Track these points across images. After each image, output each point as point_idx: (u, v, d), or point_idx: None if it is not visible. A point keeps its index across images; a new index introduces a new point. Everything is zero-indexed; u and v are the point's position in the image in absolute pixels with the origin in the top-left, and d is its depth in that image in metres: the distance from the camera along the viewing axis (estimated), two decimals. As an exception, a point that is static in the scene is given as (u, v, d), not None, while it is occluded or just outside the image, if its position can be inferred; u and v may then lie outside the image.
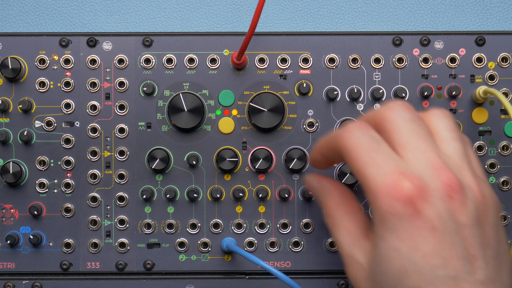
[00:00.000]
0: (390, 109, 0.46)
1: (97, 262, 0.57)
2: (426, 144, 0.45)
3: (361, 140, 0.45)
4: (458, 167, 0.45)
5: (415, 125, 0.46)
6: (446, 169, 0.44)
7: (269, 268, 0.51)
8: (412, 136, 0.45)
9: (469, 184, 0.44)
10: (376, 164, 0.44)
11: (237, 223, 0.57)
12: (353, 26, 0.63)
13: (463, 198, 0.43)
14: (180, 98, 0.56)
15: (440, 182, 0.43)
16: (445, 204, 0.43)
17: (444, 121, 0.47)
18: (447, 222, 0.43)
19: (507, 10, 0.63)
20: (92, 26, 0.62)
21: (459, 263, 0.42)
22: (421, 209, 0.42)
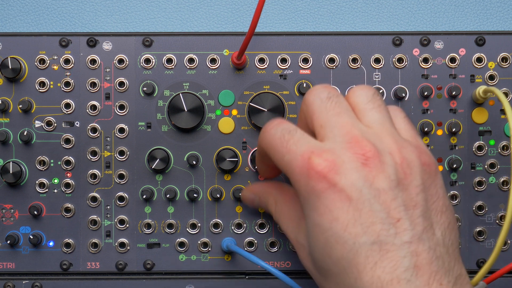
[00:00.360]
0: (308, 93, 0.48)
1: (97, 262, 0.57)
2: (344, 120, 0.46)
3: (275, 136, 0.47)
4: (377, 135, 0.46)
5: (332, 103, 0.47)
6: (361, 139, 0.45)
7: (269, 268, 0.51)
8: (328, 114, 0.47)
9: (389, 150, 0.45)
10: (290, 151, 0.46)
11: (237, 223, 0.57)
12: (353, 26, 0.63)
13: (380, 163, 0.44)
14: (180, 98, 0.56)
15: (352, 153, 0.45)
16: (359, 173, 0.44)
17: (362, 94, 0.48)
18: (363, 190, 0.43)
19: (507, 10, 0.63)
20: (92, 26, 0.62)
21: (380, 228, 0.43)
22: (335, 181, 0.44)
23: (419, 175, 0.45)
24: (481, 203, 0.57)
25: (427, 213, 0.45)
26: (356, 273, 0.42)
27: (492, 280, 0.51)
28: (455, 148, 0.57)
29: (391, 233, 0.43)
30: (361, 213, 0.43)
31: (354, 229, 0.43)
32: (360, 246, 0.43)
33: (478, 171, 0.57)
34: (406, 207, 0.44)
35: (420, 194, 0.45)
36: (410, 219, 0.44)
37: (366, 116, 0.48)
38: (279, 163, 0.47)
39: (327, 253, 0.44)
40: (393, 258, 0.42)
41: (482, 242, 0.57)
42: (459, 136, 0.57)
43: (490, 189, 0.57)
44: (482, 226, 0.57)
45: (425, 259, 0.42)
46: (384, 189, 0.44)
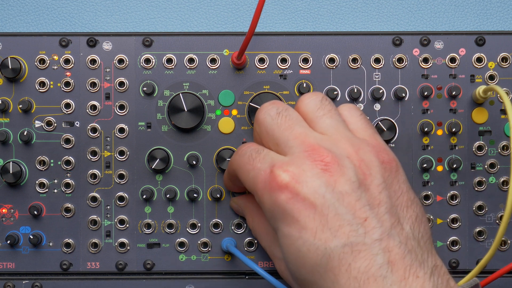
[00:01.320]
0: (258, 112, 0.50)
1: (97, 262, 0.57)
2: (296, 131, 0.47)
3: (244, 156, 0.49)
4: (332, 141, 0.47)
5: (282, 118, 0.48)
6: (317, 147, 0.46)
7: (263, 273, 0.50)
8: (280, 129, 0.48)
9: (346, 153, 0.46)
10: (254, 168, 0.47)
11: (237, 223, 0.57)
12: (353, 26, 0.63)
13: (339, 168, 0.45)
14: (180, 98, 0.56)
15: (311, 160, 0.45)
16: (320, 179, 0.44)
17: (311, 102, 0.49)
18: (326, 195, 0.44)
19: (507, 10, 0.63)
20: (92, 26, 0.62)
21: (349, 229, 0.43)
22: (297, 190, 0.44)
23: (379, 173, 0.46)
24: (481, 203, 0.57)
25: (393, 209, 0.45)
26: (333, 277, 0.43)
27: (491, 280, 0.51)
28: (455, 148, 0.57)
29: (361, 233, 0.43)
30: (327, 218, 0.44)
31: (324, 235, 0.43)
32: (332, 250, 0.43)
33: (478, 171, 0.57)
34: (371, 206, 0.44)
35: (382, 192, 0.45)
36: (376, 217, 0.44)
37: (318, 123, 0.48)
38: (245, 182, 0.48)
39: (301, 263, 0.44)
40: (366, 257, 0.42)
41: (482, 242, 0.57)
42: (459, 136, 0.57)
43: (490, 189, 0.57)
44: (482, 226, 0.57)
45: (397, 254, 0.43)
46: (346, 191, 0.44)
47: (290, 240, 0.45)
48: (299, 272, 0.45)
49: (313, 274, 0.44)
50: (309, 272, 0.44)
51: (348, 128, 0.49)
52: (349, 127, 0.49)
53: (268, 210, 0.46)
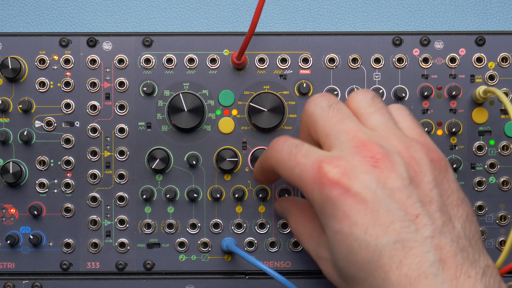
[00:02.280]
0: (308, 103, 0.49)
1: (97, 262, 0.57)
2: (347, 126, 0.47)
3: (282, 151, 0.48)
4: (383, 137, 0.47)
5: (333, 111, 0.48)
6: (368, 142, 0.45)
7: (266, 269, 0.50)
8: (331, 122, 0.47)
9: (396, 150, 0.46)
10: (299, 164, 0.46)
11: (237, 223, 0.57)
12: (353, 26, 0.63)
13: (390, 164, 0.44)
14: (180, 98, 0.56)
15: (362, 156, 0.45)
16: (371, 175, 0.44)
17: (362, 98, 0.49)
18: (377, 191, 0.44)
19: (507, 10, 0.63)
20: (92, 26, 0.62)
21: (400, 226, 0.43)
22: (348, 186, 0.44)
23: (429, 171, 0.46)
24: (481, 203, 0.57)
25: (444, 208, 0.45)
26: (383, 274, 0.42)
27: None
28: (455, 148, 0.57)
29: (412, 230, 0.43)
30: (378, 214, 0.43)
31: (375, 231, 0.43)
32: (383, 246, 0.43)
33: (478, 171, 0.57)
34: (422, 203, 0.44)
35: (433, 190, 0.45)
36: (428, 214, 0.44)
37: (369, 119, 0.48)
38: (290, 178, 0.47)
39: (352, 259, 0.44)
40: (418, 254, 0.42)
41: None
42: (459, 136, 0.57)
43: (490, 189, 0.57)
44: (482, 226, 0.57)
45: (449, 252, 0.42)
46: (398, 187, 0.44)
47: (341, 236, 0.44)
48: (349, 269, 0.44)
49: (364, 271, 0.43)
50: (360, 269, 0.44)
51: (398, 126, 0.49)
52: (399, 126, 0.49)
53: (319, 206, 0.45)
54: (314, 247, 0.51)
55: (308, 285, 0.57)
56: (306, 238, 0.52)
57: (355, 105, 0.49)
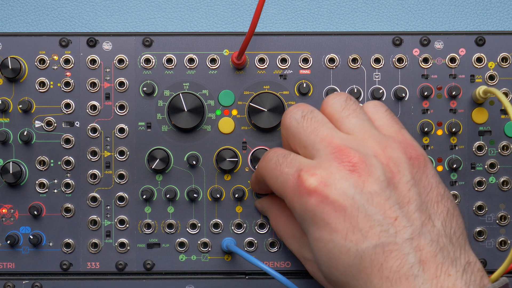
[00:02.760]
0: (283, 117, 0.50)
1: (97, 262, 0.57)
2: (322, 134, 0.47)
3: (270, 162, 0.49)
4: (359, 140, 0.47)
5: (307, 121, 0.48)
6: (343, 148, 0.46)
7: (267, 269, 0.50)
8: (306, 133, 0.48)
9: (373, 152, 0.46)
10: (282, 173, 0.47)
11: (237, 223, 0.57)
12: (353, 26, 0.63)
13: (367, 167, 0.45)
14: (180, 98, 0.56)
15: (338, 162, 0.45)
16: (348, 181, 0.44)
17: (335, 102, 0.49)
18: (355, 197, 0.44)
19: (507, 10, 0.63)
20: (92, 26, 0.62)
21: (379, 230, 0.43)
22: (326, 194, 0.44)
23: (407, 170, 0.46)
24: (481, 203, 0.57)
25: (423, 206, 0.45)
26: (365, 277, 0.43)
27: (492, 280, 0.51)
28: (455, 148, 0.57)
29: (391, 233, 0.43)
30: (357, 220, 0.43)
31: (354, 236, 0.43)
32: (363, 251, 0.43)
33: (478, 171, 0.57)
34: (400, 205, 0.44)
35: (412, 189, 0.45)
36: (406, 216, 0.44)
37: (344, 123, 0.48)
38: (274, 187, 0.48)
39: (333, 264, 0.44)
40: (398, 257, 0.42)
41: (482, 242, 0.57)
42: (459, 136, 0.57)
43: (490, 189, 0.57)
44: (482, 226, 0.57)
45: (429, 253, 0.43)
46: (375, 191, 0.44)
47: (322, 243, 0.45)
48: (332, 274, 0.45)
49: (346, 275, 0.44)
50: (342, 274, 0.44)
51: (374, 125, 0.49)
52: (375, 124, 0.49)
53: (299, 215, 0.46)
54: (297, 247, 0.52)
55: (308, 285, 0.57)
56: (289, 238, 0.53)
57: (329, 110, 0.49)
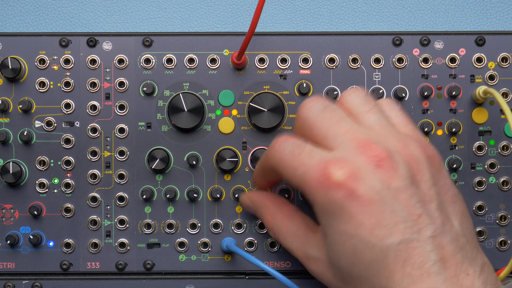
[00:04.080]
0: (301, 109, 0.49)
1: (97, 262, 0.57)
2: (345, 127, 0.46)
3: (285, 151, 0.47)
4: (381, 136, 0.47)
5: (328, 114, 0.47)
6: (369, 142, 0.45)
7: (267, 268, 0.51)
8: (327, 124, 0.47)
9: (396, 149, 0.46)
10: (303, 164, 0.46)
11: (237, 223, 0.57)
12: (353, 26, 0.63)
13: (392, 164, 0.45)
14: (180, 98, 0.56)
15: (365, 157, 0.45)
16: (376, 176, 0.44)
17: (355, 98, 0.49)
18: (382, 192, 0.44)
19: (507, 10, 0.63)
20: (92, 26, 0.62)
21: (404, 226, 0.43)
22: (354, 188, 0.44)
23: (427, 169, 0.46)
24: (481, 203, 0.57)
25: (442, 206, 0.45)
26: (388, 273, 0.43)
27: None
28: (455, 148, 0.57)
29: (415, 230, 0.43)
30: (384, 215, 0.43)
31: (380, 232, 0.43)
32: (388, 247, 0.43)
33: (478, 171, 0.57)
34: (423, 203, 0.44)
35: (432, 188, 0.45)
36: (428, 214, 0.44)
37: (363, 119, 0.48)
38: (292, 178, 0.47)
39: (357, 259, 0.44)
40: (421, 254, 0.43)
41: (482, 242, 0.57)
42: (459, 136, 0.57)
43: (490, 189, 0.57)
44: (482, 226, 0.57)
45: (449, 251, 0.43)
46: (401, 188, 0.44)
47: (346, 237, 0.44)
48: (353, 269, 0.45)
49: (368, 270, 0.44)
50: (364, 269, 0.44)
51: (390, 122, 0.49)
52: (391, 122, 0.49)
53: (321, 208, 0.45)
54: (300, 246, 0.51)
55: (308, 285, 0.57)
56: (289, 236, 0.52)
57: (348, 105, 0.49)
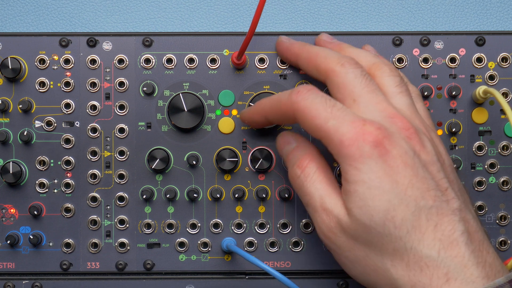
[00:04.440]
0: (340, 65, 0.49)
1: (97, 262, 0.57)
2: (378, 97, 0.48)
3: (315, 100, 0.48)
4: (409, 115, 0.49)
5: (366, 81, 0.49)
6: (400, 116, 0.47)
7: (267, 268, 0.51)
8: (363, 90, 0.48)
9: (421, 129, 0.48)
10: (336, 117, 0.47)
11: (237, 223, 0.57)
12: (353, 26, 0.63)
13: (420, 139, 0.47)
14: (180, 98, 0.56)
15: (397, 127, 0.47)
16: (408, 144, 0.46)
17: (390, 78, 0.51)
18: (414, 159, 0.46)
19: (507, 10, 0.63)
20: (92, 26, 0.62)
21: (434, 194, 0.45)
22: (389, 148, 0.45)
23: (447, 157, 0.49)
24: (481, 203, 0.57)
25: (461, 191, 0.48)
26: (419, 235, 0.44)
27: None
28: (455, 148, 0.57)
29: (444, 200, 0.45)
30: (417, 179, 0.45)
31: (413, 193, 0.45)
32: (421, 209, 0.45)
33: (478, 171, 0.57)
34: (448, 180, 0.47)
35: (453, 173, 0.48)
36: (453, 190, 0.46)
37: (395, 99, 0.50)
38: (319, 127, 0.47)
39: (390, 215, 0.45)
40: (450, 222, 0.44)
41: (482, 242, 0.57)
42: (459, 136, 0.57)
43: (490, 189, 0.57)
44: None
45: (472, 227, 0.45)
46: (429, 161, 0.47)
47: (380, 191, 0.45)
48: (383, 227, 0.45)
49: (401, 228, 0.45)
50: (397, 227, 0.45)
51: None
52: None
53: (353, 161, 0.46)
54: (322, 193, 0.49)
55: (308, 285, 0.57)
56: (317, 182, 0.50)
57: (384, 82, 0.50)
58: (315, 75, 0.52)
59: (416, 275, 0.44)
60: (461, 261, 0.43)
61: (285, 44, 0.55)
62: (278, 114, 0.51)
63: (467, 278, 0.43)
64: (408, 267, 0.44)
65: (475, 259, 0.43)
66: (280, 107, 0.50)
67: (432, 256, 0.43)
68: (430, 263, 0.43)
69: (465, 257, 0.43)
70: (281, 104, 0.50)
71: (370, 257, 0.46)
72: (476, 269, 0.43)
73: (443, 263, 0.43)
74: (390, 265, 0.45)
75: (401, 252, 0.45)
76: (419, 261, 0.44)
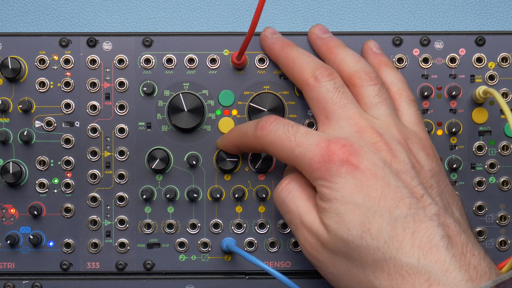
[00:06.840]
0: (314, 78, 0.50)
1: (97, 262, 0.57)
2: (350, 112, 0.49)
3: (278, 132, 0.49)
4: (384, 125, 0.49)
5: (339, 95, 0.49)
6: (370, 129, 0.48)
7: (268, 268, 0.51)
8: (334, 106, 0.49)
9: (396, 138, 0.48)
10: (301, 143, 0.48)
11: (237, 223, 0.57)
12: (353, 26, 0.63)
13: (392, 149, 0.47)
14: (180, 98, 0.56)
15: (365, 141, 0.47)
16: (377, 155, 0.46)
17: (369, 87, 0.51)
18: (385, 169, 0.46)
19: (507, 10, 0.63)
20: (92, 26, 0.62)
21: (409, 202, 0.45)
22: (357, 164, 0.46)
23: (427, 162, 0.48)
24: (481, 203, 0.57)
25: (442, 195, 0.47)
26: (397, 244, 0.44)
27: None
28: (455, 148, 0.57)
29: (420, 207, 0.45)
30: (389, 189, 0.45)
31: (386, 203, 0.45)
32: (396, 218, 0.45)
33: (478, 171, 0.57)
34: (424, 186, 0.47)
35: (432, 178, 0.48)
36: (430, 196, 0.46)
37: (372, 109, 0.50)
38: (288, 157, 0.49)
39: (366, 228, 0.45)
40: (428, 228, 0.44)
41: (482, 242, 0.57)
42: (459, 136, 0.57)
43: (490, 189, 0.57)
44: (482, 226, 0.57)
45: (454, 231, 0.45)
46: (402, 170, 0.47)
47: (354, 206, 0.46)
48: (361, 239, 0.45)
49: (378, 239, 0.45)
50: (374, 238, 0.45)
51: (400, 119, 0.51)
52: (402, 118, 0.51)
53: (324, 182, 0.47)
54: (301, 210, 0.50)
55: (308, 285, 0.57)
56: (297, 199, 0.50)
57: (362, 92, 0.51)
58: (293, 82, 0.53)
59: (398, 284, 0.44)
60: (442, 266, 0.43)
61: (267, 41, 0.55)
62: (247, 147, 0.53)
63: (450, 282, 0.42)
64: (390, 277, 0.44)
65: (457, 263, 0.43)
66: (247, 142, 0.52)
67: (412, 263, 0.43)
68: (411, 270, 0.43)
69: (446, 262, 0.43)
70: (248, 139, 0.52)
71: (352, 271, 0.46)
72: (459, 272, 0.43)
73: (424, 269, 0.43)
74: (372, 277, 0.45)
75: (381, 263, 0.44)
76: (399, 270, 0.44)
